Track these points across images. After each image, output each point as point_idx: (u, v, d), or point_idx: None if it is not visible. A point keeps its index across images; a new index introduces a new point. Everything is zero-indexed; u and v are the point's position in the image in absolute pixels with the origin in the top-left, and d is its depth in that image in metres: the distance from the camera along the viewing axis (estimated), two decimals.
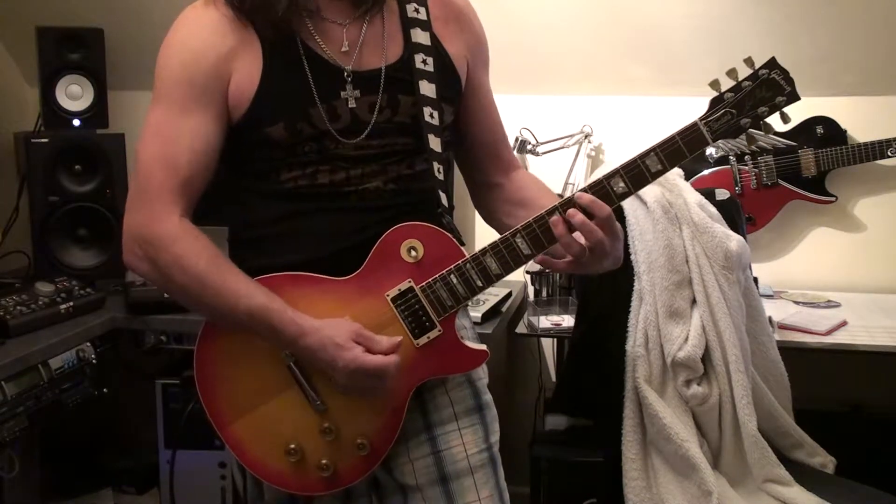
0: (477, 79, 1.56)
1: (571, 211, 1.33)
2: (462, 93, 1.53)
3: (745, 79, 1.34)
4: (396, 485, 1.50)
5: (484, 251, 1.38)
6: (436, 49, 1.47)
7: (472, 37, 1.55)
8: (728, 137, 1.36)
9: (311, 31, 1.40)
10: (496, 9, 2.71)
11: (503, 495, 1.52)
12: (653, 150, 1.34)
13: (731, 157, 2.77)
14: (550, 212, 1.35)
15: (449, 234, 1.41)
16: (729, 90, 1.35)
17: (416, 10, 1.47)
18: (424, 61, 1.44)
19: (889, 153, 2.65)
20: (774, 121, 1.37)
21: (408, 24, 1.46)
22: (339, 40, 1.41)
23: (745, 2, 2.63)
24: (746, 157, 2.76)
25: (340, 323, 1.36)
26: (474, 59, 1.55)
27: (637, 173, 1.34)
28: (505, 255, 1.37)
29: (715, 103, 1.35)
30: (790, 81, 1.34)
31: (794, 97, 1.34)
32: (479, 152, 1.61)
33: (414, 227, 1.40)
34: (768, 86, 1.34)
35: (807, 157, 2.73)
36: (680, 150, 1.33)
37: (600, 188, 1.35)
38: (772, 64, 1.34)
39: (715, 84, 1.35)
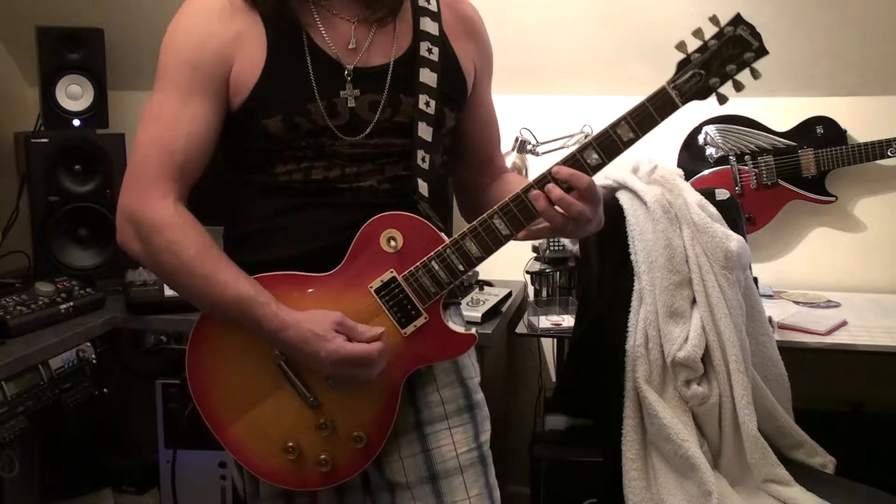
0: (481, 91, 1.57)
1: (549, 186, 1.33)
2: (467, 98, 1.53)
3: (711, 37, 1.32)
4: (385, 482, 1.51)
5: (463, 235, 1.38)
6: (443, 42, 1.46)
7: (481, 48, 1.56)
8: (698, 98, 1.33)
9: (318, 25, 1.40)
10: (496, 8, 2.71)
11: (493, 494, 1.53)
12: (623, 118, 1.33)
13: (731, 157, 2.77)
14: (527, 189, 1.35)
15: (427, 221, 1.41)
16: (696, 51, 1.33)
17: (427, 2, 1.48)
18: (430, 50, 1.44)
19: (889, 153, 2.65)
20: (745, 79, 1.34)
21: (418, 12, 1.46)
22: (346, 37, 1.41)
23: (744, 2, 2.63)
24: (746, 157, 2.76)
25: (322, 314, 1.36)
26: (481, 70, 1.55)
27: (609, 143, 1.34)
28: (484, 237, 1.37)
29: (682, 65, 1.33)
30: (757, 36, 1.31)
31: (762, 52, 1.31)
32: (474, 158, 1.62)
33: (391, 216, 1.40)
34: (735, 42, 1.31)
35: (807, 157, 2.73)
36: (651, 116, 1.32)
37: (574, 161, 1.35)
38: (737, 20, 1.31)
39: (681, 46, 1.33)
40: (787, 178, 2.76)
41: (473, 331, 1.46)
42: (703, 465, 1.99)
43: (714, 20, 1.31)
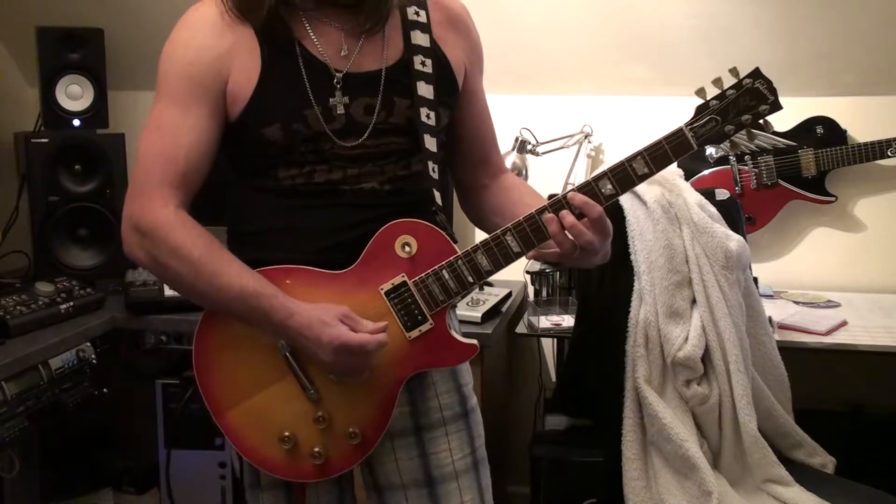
0: (473, 84, 1.59)
1: (563, 212, 1.37)
2: (458, 97, 1.55)
3: (730, 87, 1.39)
4: (372, 482, 1.56)
5: (475, 248, 1.41)
6: (434, 52, 1.49)
7: (470, 43, 1.58)
8: (712, 143, 1.41)
9: (309, 34, 1.42)
10: (496, 9, 2.71)
11: (484, 496, 1.58)
12: (639, 153, 1.38)
13: (731, 157, 2.77)
14: (541, 211, 1.39)
15: (442, 232, 1.44)
16: (714, 98, 1.39)
17: (417, 13, 1.50)
18: (423, 63, 1.47)
19: (889, 153, 2.65)
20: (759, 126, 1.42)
21: (408, 26, 1.48)
22: (337, 44, 1.43)
23: (744, 2, 2.64)
24: (746, 157, 2.76)
25: (329, 305, 1.39)
26: (471, 65, 1.58)
27: (624, 176, 1.38)
28: (496, 253, 1.41)
29: (700, 110, 1.39)
30: (773, 91, 1.38)
31: (776, 107, 1.39)
32: (470, 156, 1.64)
33: (408, 223, 1.43)
34: (752, 95, 1.38)
35: (807, 157, 2.73)
36: (666, 155, 1.38)
37: (588, 189, 1.38)
38: (756, 74, 1.38)
39: (701, 92, 1.39)
40: (787, 178, 2.76)
41: (475, 342, 1.48)
42: (703, 465, 1.99)
43: (734, 72, 1.38)
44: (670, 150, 1.37)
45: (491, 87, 1.64)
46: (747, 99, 1.38)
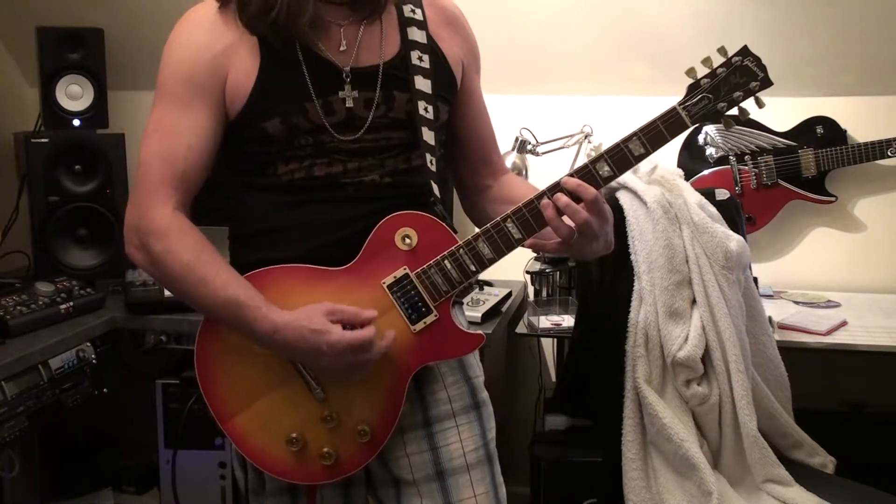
0: (471, 84, 1.60)
1: (557, 195, 1.38)
2: (457, 93, 1.56)
3: (720, 66, 1.40)
4: (391, 477, 1.53)
5: (476, 236, 1.42)
6: (431, 48, 1.50)
7: (467, 43, 1.59)
8: (706, 121, 1.42)
9: (307, 30, 1.42)
10: (496, 9, 2.71)
11: (498, 491, 1.56)
12: (635, 134, 1.40)
13: (731, 157, 2.77)
14: (539, 196, 1.40)
15: (442, 222, 1.44)
16: (705, 76, 1.41)
17: (413, 11, 1.51)
18: (420, 58, 1.48)
19: (889, 153, 2.65)
20: (750, 106, 1.43)
21: (405, 23, 1.50)
22: (336, 39, 1.44)
23: (744, 2, 2.64)
24: (746, 157, 2.77)
25: (311, 308, 1.37)
26: (469, 64, 1.59)
27: (621, 157, 1.40)
28: (497, 240, 1.41)
29: (692, 89, 1.41)
30: (763, 67, 1.39)
31: (766, 82, 1.40)
32: (471, 156, 1.65)
33: (407, 215, 1.43)
34: (742, 72, 1.39)
35: (807, 157, 2.73)
36: (661, 134, 1.40)
37: (586, 172, 1.40)
38: (744, 52, 1.40)
39: (691, 72, 1.41)
40: (787, 178, 2.76)
41: (481, 332, 1.48)
42: (703, 465, 1.99)
43: (722, 51, 1.40)
44: (665, 130, 1.39)
45: (491, 87, 1.64)
46: (737, 76, 1.39)
